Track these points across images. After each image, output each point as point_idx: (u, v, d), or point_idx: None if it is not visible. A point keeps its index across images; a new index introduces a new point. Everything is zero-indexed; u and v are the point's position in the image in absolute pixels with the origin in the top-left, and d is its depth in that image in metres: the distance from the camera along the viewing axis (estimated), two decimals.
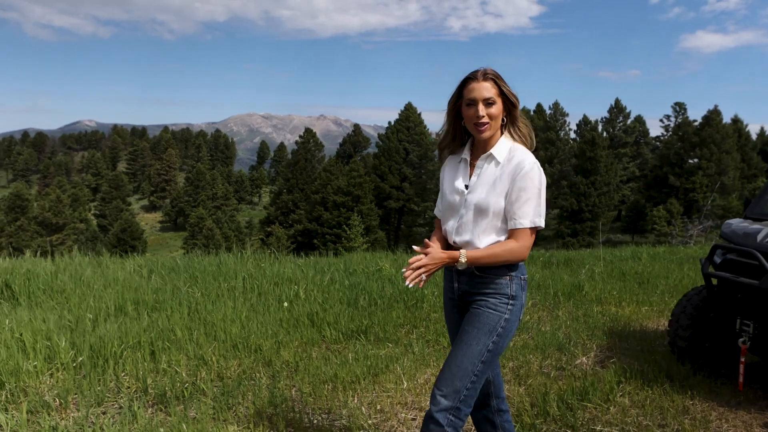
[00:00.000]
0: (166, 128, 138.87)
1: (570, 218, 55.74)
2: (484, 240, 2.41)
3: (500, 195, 2.39)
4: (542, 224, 2.41)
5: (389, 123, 69.29)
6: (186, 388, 3.67)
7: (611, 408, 3.80)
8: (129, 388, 3.69)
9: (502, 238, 2.42)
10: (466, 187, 2.47)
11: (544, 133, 63.51)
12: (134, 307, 5.21)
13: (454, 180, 2.53)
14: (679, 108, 72.88)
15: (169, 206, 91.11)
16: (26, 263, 6.62)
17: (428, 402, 2.59)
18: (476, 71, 2.40)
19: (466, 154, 2.52)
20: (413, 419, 3.60)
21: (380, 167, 64.62)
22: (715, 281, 4.49)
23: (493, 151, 2.43)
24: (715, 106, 58.27)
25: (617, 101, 72.09)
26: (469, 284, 2.45)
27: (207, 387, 3.73)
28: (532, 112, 70.01)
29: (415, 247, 2.46)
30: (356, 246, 34.09)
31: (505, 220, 2.41)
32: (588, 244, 51.39)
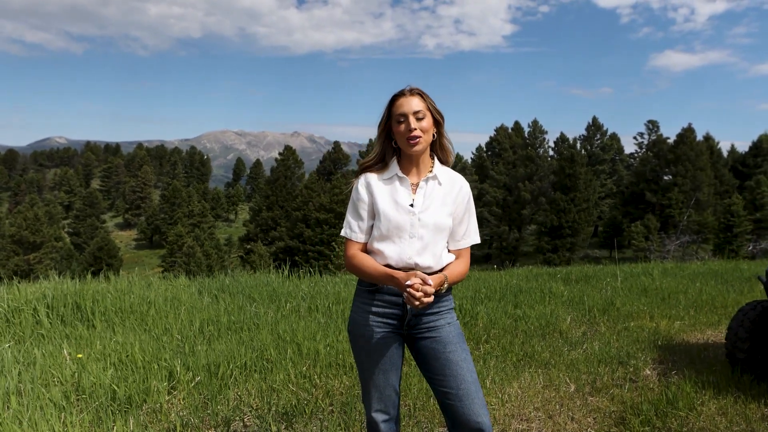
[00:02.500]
0: (140, 145, 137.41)
1: (549, 234, 56.57)
2: (445, 259, 2.46)
3: (449, 215, 2.45)
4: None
5: (369, 140, 69.70)
6: (306, 405, 3.85)
7: (700, 416, 4.07)
8: (251, 406, 3.86)
9: (453, 257, 2.51)
10: (411, 206, 2.43)
11: (523, 150, 64.56)
12: (211, 328, 5.36)
13: (394, 198, 2.44)
14: (652, 125, 74.74)
15: (144, 224, 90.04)
16: (80, 284, 6.70)
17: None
18: (403, 89, 2.44)
19: (399, 172, 2.48)
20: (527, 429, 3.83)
21: None
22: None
23: (437, 172, 2.48)
24: (689, 124, 59.92)
25: (594, 119, 73.77)
26: (425, 307, 2.36)
27: (324, 404, 3.91)
28: (510, 130, 71.06)
29: (415, 279, 2.25)
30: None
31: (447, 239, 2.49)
32: (568, 260, 52.18)
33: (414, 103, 2.40)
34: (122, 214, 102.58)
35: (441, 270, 2.46)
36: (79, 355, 4.32)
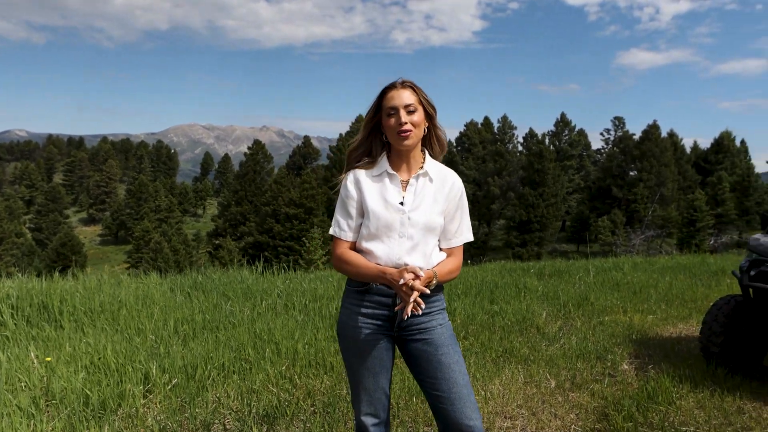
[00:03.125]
0: (105, 138, 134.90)
1: (518, 229, 57.12)
2: (435, 259, 2.39)
3: (440, 213, 2.38)
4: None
5: (340, 135, 69.53)
6: (288, 407, 3.77)
7: (678, 410, 4.10)
8: (231, 409, 3.76)
9: (444, 255, 2.45)
10: (401, 204, 2.35)
11: (492, 145, 65.02)
12: (185, 327, 5.23)
13: (383, 196, 2.36)
14: (619, 122, 75.96)
15: (109, 219, 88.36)
16: (47, 283, 6.49)
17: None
18: (394, 81, 2.36)
19: (389, 169, 2.39)
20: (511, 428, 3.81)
21: (332, 179, 64.34)
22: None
23: (428, 168, 2.40)
24: (654, 121, 61.15)
25: (563, 115, 74.66)
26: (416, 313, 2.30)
27: (305, 405, 3.84)
28: (479, 125, 71.51)
29: (408, 275, 2.20)
30: (316, 259, 34.05)
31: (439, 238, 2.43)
32: (537, 255, 52.77)
33: (405, 96, 2.32)
34: (86, 209, 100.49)
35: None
36: (48, 359, 4.16)
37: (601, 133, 78.37)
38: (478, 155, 65.63)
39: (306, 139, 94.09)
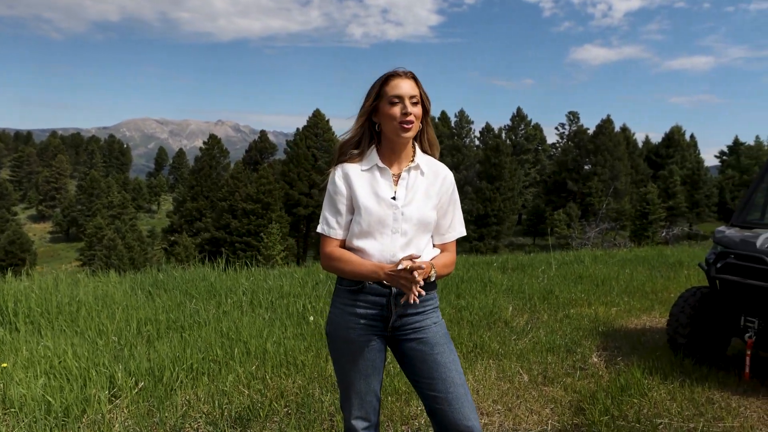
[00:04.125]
0: (54, 133, 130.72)
1: (475, 222, 57.67)
2: (429, 255, 2.32)
3: (433, 208, 2.30)
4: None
5: (297, 129, 68.90)
6: (261, 408, 3.66)
7: (651, 402, 4.14)
8: (201, 412, 3.63)
9: (437, 251, 2.38)
10: (393, 198, 2.26)
11: (449, 140, 65.42)
12: (149, 327, 5.05)
13: (375, 191, 2.26)
14: (573, 117, 77.34)
15: (60, 216, 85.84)
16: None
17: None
18: (397, 69, 2.27)
19: (379, 163, 2.30)
20: None
21: (289, 174, 64.02)
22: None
23: (419, 161, 2.32)
24: (608, 116, 62.54)
25: (519, 110, 75.69)
26: (408, 306, 2.25)
27: (279, 406, 3.73)
28: (437, 119, 71.85)
29: (405, 262, 2.12)
30: (275, 254, 33.69)
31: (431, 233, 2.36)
32: (494, 248, 53.39)
33: (410, 87, 2.23)
34: (35, 205, 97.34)
35: None
36: (4, 364, 3.94)
37: (556, 128, 79.80)
38: None
39: (262, 133, 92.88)
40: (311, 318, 5.50)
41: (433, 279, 2.23)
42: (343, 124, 2.41)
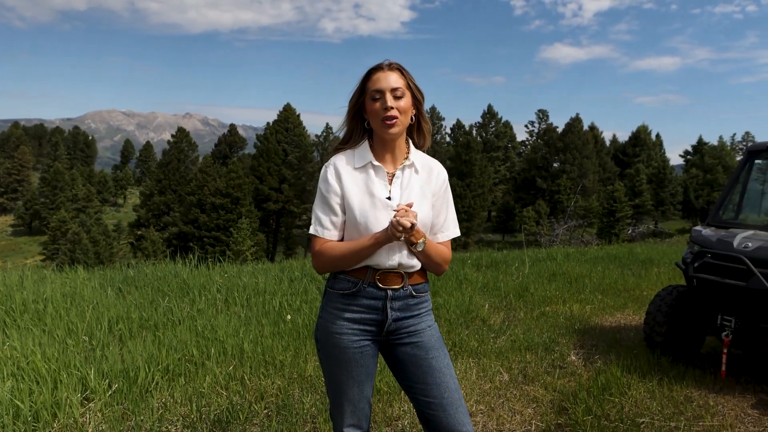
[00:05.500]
0: (16, 123, 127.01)
1: None
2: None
3: (429, 208, 2.21)
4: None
5: (268, 124, 68.28)
6: (240, 410, 3.56)
7: (632, 401, 4.15)
8: (179, 415, 3.51)
9: None
10: (388, 198, 2.16)
11: None
12: (121, 326, 4.90)
13: (369, 190, 2.16)
14: (542, 115, 78.14)
15: (22, 209, 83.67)
16: None
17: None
18: (381, 63, 2.17)
19: (374, 160, 2.19)
20: None
21: (259, 168, 63.47)
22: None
23: (413, 158, 2.23)
24: (577, 114, 63.36)
25: (490, 107, 76.21)
26: (403, 309, 2.18)
27: (258, 408, 3.63)
28: None
29: (397, 205, 2.08)
30: (244, 249, 33.33)
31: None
32: (464, 244, 53.68)
33: (392, 79, 2.12)
34: None
35: (423, 269, 2.26)
36: None
37: (526, 126, 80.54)
38: None
39: (232, 127, 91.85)
40: (288, 316, 5.40)
41: (420, 249, 2.12)
42: (313, 120, 2.31)
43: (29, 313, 5.16)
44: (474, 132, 73.59)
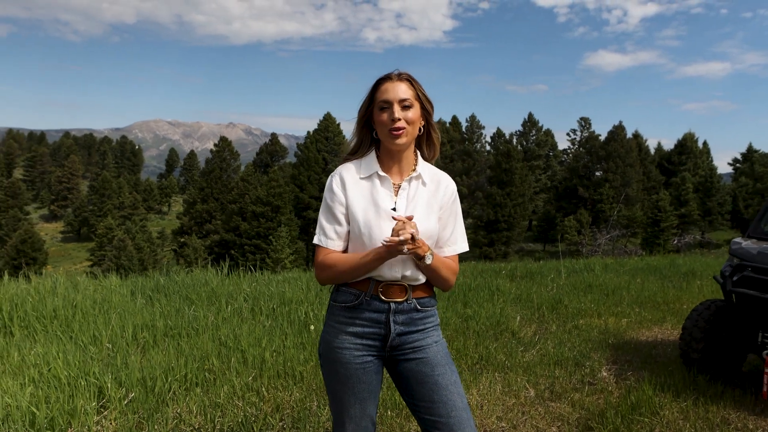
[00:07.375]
0: (67, 133, 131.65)
1: (486, 228, 57.36)
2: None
3: (436, 220, 2.16)
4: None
5: (308, 133, 68.93)
6: (255, 422, 3.51)
7: (664, 421, 3.96)
8: (192, 426, 3.49)
9: None
10: (393, 210, 2.11)
11: (461, 144, 65.20)
12: (145, 334, 4.92)
13: (374, 201, 2.12)
14: (585, 123, 76.78)
15: (71, 216, 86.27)
16: None
17: None
18: (390, 73, 2.15)
19: (380, 171, 2.15)
20: None
21: (299, 177, 64.06)
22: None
23: (421, 171, 2.18)
24: (620, 122, 62.04)
25: (530, 115, 75.34)
26: (407, 323, 2.13)
27: (274, 421, 3.58)
28: (447, 124, 71.67)
29: (396, 215, 2.04)
30: (283, 257, 33.58)
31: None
32: (504, 254, 53.08)
33: (401, 90, 2.09)
34: (48, 205, 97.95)
35: (429, 283, 2.18)
36: None
37: (568, 134, 79.20)
38: (446, 154, 65.68)
39: (273, 136, 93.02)
40: (312, 327, 5.35)
41: (428, 262, 2.05)
42: (351, 128, 2.27)
43: (59, 320, 5.24)
44: (514, 140, 72.89)
